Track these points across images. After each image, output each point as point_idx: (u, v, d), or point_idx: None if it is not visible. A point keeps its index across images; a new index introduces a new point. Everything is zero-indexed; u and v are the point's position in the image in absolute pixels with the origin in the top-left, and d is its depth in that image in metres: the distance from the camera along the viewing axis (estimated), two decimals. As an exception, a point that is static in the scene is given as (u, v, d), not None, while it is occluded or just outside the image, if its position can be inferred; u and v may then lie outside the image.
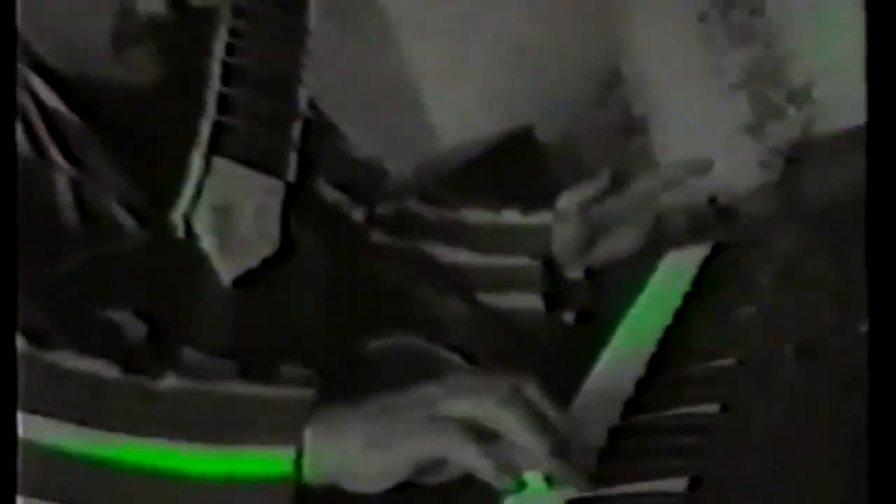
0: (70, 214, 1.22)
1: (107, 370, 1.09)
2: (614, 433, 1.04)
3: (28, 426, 1.07)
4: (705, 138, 1.54)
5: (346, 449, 1.02)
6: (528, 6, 1.68)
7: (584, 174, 1.63)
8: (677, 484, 0.91)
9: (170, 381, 1.08)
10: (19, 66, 1.26)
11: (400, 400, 1.03)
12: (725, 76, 1.57)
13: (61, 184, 1.23)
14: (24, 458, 1.05)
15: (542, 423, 0.99)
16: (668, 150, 1.55)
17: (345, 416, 1.03)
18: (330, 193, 1.41)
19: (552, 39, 1.68)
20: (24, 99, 1.25)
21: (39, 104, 1.25)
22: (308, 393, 1.05)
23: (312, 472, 1.02)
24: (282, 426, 1.04)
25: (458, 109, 1.69)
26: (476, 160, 1.61)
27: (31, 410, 1.07)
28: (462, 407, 1.00)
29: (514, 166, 1.64)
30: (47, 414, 1.07)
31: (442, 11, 1.65)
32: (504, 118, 1.69)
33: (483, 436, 0.99)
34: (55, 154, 1.23)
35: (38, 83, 1.25)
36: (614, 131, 1.67)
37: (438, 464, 1.00)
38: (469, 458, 0.99)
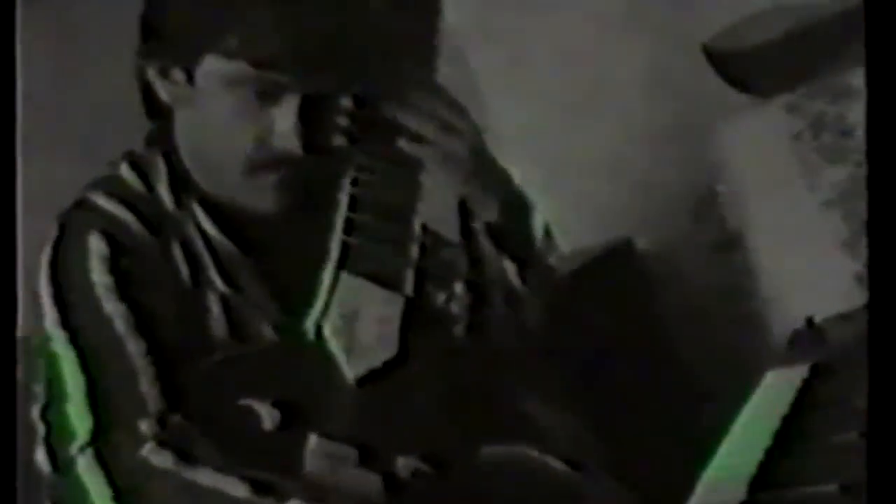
0: (219, 325, 1.37)
1: (237, 489, 1.19)
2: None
3: None
4: (801, 255, 1.57)
5: None
6: (623, 125, 1.74)
7: (683, 287, 1.68)
8: None
9: None
10: (188, 199, 1.39)
11: None
12: (819, 194, 1.60)
13: (212, 299, 1.38)
14: None
15: None
16: (766, 266, 1.59)
17: None
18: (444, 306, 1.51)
19: (648, 155, 1.74)
20: (188, 225, 1.37)
21: (200, 229, 1.38)
22: None
23: None
24: None
25: (558, 222, 1.73)
26: (578, 270, 1.67)
27: None
28: None
29: (613, 277, 1.70)
30: None
31: (541, 129, 1.71)
32: (602, 230, 1.75)
33: None
34: (212, 273, 1.39)
35: (199, 212, 1.38)
36: (711, 246, 1.71)
37: None
38: None
